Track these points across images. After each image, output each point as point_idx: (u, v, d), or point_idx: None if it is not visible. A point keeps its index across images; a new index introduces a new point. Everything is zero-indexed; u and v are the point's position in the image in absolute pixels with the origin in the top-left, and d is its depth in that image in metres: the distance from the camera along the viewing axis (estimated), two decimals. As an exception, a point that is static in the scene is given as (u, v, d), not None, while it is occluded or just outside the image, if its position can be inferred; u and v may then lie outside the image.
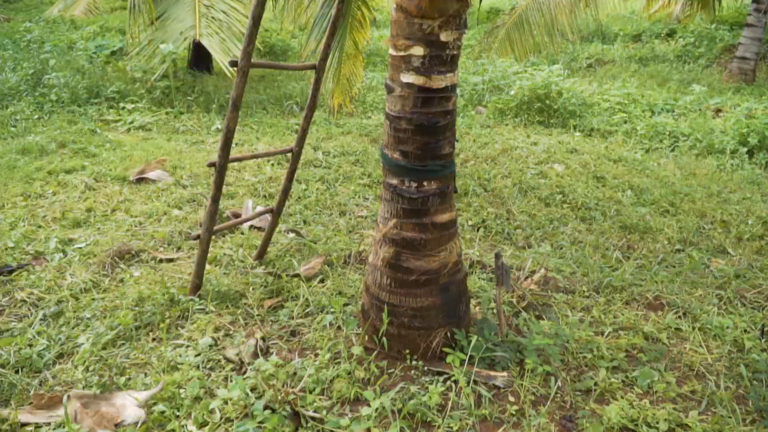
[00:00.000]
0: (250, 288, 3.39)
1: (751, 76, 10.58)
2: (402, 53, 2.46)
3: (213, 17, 6.99)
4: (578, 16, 8.92)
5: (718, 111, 8.30)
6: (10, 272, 3.46)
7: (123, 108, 7.44)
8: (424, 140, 2.53)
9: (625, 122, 7.72)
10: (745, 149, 6.47)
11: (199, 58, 9.41)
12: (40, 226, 4.14)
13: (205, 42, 6.57)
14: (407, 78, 2.47)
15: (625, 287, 3.58)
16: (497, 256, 2.89)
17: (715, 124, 7.34)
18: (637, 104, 8.44)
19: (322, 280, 3.51)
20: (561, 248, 4.19)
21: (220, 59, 6.40)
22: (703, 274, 3.84)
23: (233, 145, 3.13)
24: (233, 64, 2.76)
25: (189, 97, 7.91)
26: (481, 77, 9.47)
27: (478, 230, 4.46)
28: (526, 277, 3.64)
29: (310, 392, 2.47)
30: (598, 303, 3.39)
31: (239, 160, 3.20)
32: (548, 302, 3.38)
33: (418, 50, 2.41)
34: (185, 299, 3.15)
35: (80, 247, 3.83)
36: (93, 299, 3.21)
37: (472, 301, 3.27)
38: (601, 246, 4.25)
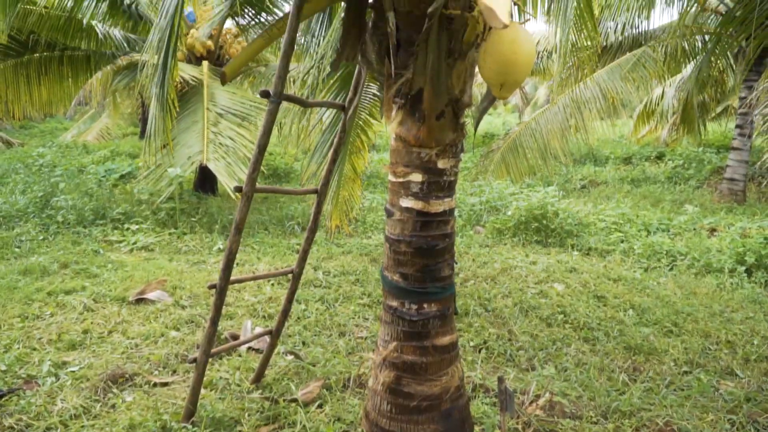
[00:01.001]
0: (246, 414, 3.27)
1: (741, 196, 10.86)
2: (401, 179, 2.56)
3: (220, 143, 7.30)
4: (570, 141, 9.34)
5: (712, 230, 8.43)
6: (1, 397, 3.36)
7: (127, 229, 7.57)
8: (423, 263, 2.56)
9: (622, 241, 7.81)
10: (743, 268, 6.50)
11: (205, 180, 9.72)
12: (35, 349, 4.07)
13: (211, 166, 6.82)
14: (406, 203, 2.55)
15: (634, 412, 3.46)
16: (500, 381, 2.82)
17: (711, 244, 7.43)
18: (632, 224, 8.59)
19: (320, 405, 3.40)
20: (565, 370, 4.10)
21: (226, 182, 6.60)
22: (713, 397, 3.72)
23: (234, 265, 3.16)
24: (238, 189, 2.85)
25: (193, 218, 8.07)
26: (478, 198, 9.72)
27: (479, 351, 4.38)
28: (531, 402, 3.53)
29: None
30: (606, 429, 3.27)
31: (240, 281, 3.21)
32: (555, 429, 3.25)
33: (417, 177, 2.51)
34: (178, 426, 3.04)
35: (73, 371, 3.74)
36: (83, 426, 3.09)
37: (476, 428, 3.15)
38: (607, 368, 4.15)
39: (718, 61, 10.61)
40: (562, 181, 12.92)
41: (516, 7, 2.37)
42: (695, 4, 8.48)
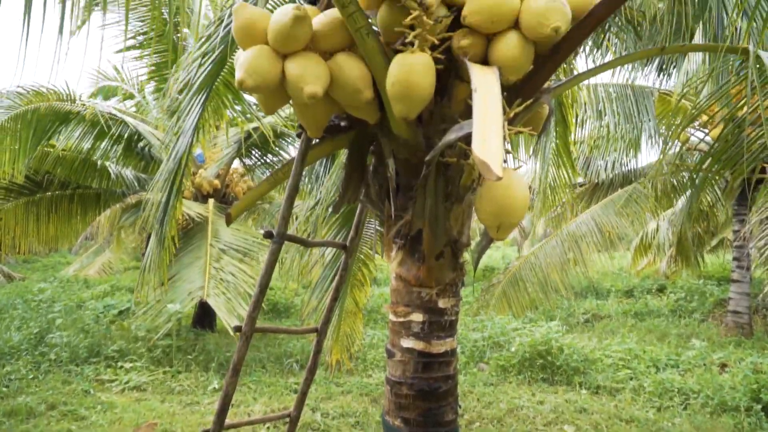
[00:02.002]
0: None
1: (748, 330, 10.70)
2: (402, 319, 2.55)
3: (222, 279, 7.34)
4: (569, 274, 9.38)
5: (723, 366, 8.22)
6: None
7: (121, 367, 7.38)
8: (426, 406, 2.48)
9: (631, 379, 7.58)
10: (760, 406, 6.26)
11: (204, 316, 9.63)
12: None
13: (211, 302, 6.80)
14: (407, 343, 2.52)
15: None
16: None
17: (723, 380, 7.21)
18: (640, 360, 8.39)
19: None
20: None
21: (225, 319, 6.55)
22: None
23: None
24: (237, 329, 2.83)
25: (189, 356, 7.90)
26: (480, 334, 9.57)
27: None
28: None
29: None
30: None
31: (235, 426, 3.09)
32: None
33: (418, 317, 2.51)
34: None
35: None
36: None
37: None
38: None
39: (707, 196, 10.93)
40: (565, 315, 12.79)
41: (509, 154, 2.50)
42: (677, 145, 8.91)
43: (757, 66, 2.66)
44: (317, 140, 2.66)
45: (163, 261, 4.24)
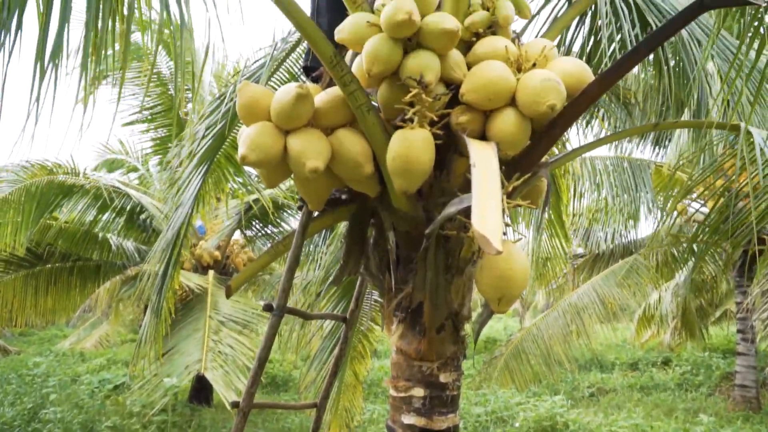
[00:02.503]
0: None
1: (755, 404, 10.43)
2: (402, 394, 2.50)
3: (220, 351, 7.22)
4: (572, 346, 9.24)
5: (733, 442, 7.97)
6: None
7: (113, 445, 7.15)
8: (428, 487, 2.39)
9: (640, 456, 7.33)
10: (775, 486, 6.02)
11: (201, 390, 9.42)
12: None
13: (209, 375, 6.66)
14: (408, 419, 2.46)
15: None
16: None
17: (734, 458, 6.97)
18: (648, 436, 8.14)
19: None
20: None
21: (223, 393, 6.40)
22: None
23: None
24: (235, 405, 2.76)
25: (184, 432, 7.67)
26: (483, 408, 9.32)
27: None
28: None
29: None
30: None
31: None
32: None
33: (419, 391, 2.45)
34: None
35: None
36: None
37: None
38: None
39: (708, 267, 10.91)
40: (569, 389, 12.48)
41: (508, 227, 2.53)
42: (677, 216, 8.98)
43: (749, 141, 2.73)
44: (318, 213, 2.69)
45: (159, 333, 4.20)
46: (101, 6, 1.51)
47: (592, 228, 10.09)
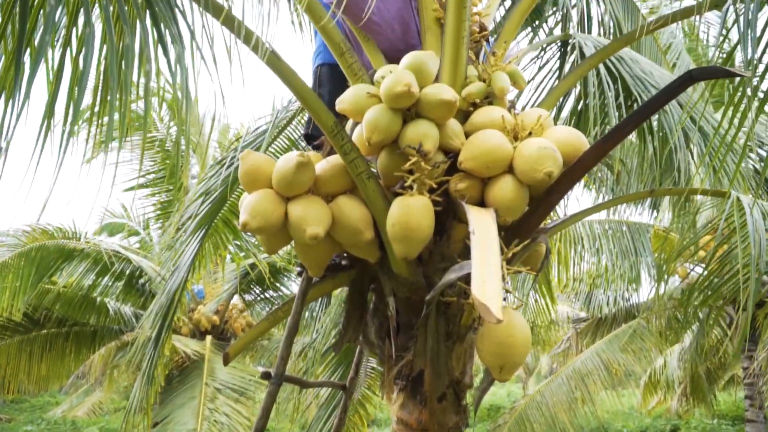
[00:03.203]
0: None
1: (771, 478, 10.08)
2: (404, 467, 2.42)
3: (215, 420, 7.04)
4: (578, 414, 9.01)
5: None
6: None
7: None
8: None
9: None
10: None
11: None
12: None
13: (203, 446, 6.47)
14: (410, 494, 2.38)
15: None
16: None
17: None
18: None
19: None
20: None
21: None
22: None
23: None
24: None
25: (176, 507, 7.37)
26: (488, 479, 9.00)
27: None
28: None
29: None
30: None
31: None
32: None
33: (420, 464, 2.38)
34: None
35: None
36: None
37: None
38: None
39: (714, 331, 10.76)
40: (576, 459, 12.08)
41: (508, 293, 2.52)
42: (677, 280, 8.95)
43: (739, 209, 2.78)
44: (318, 279, 2.68)
45: (149, 402, 4.10)
46: (112, 77, 1.56)
47: (594, 291, 10.02)
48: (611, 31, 3.46)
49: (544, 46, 3.40)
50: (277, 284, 9.62)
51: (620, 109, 2.99)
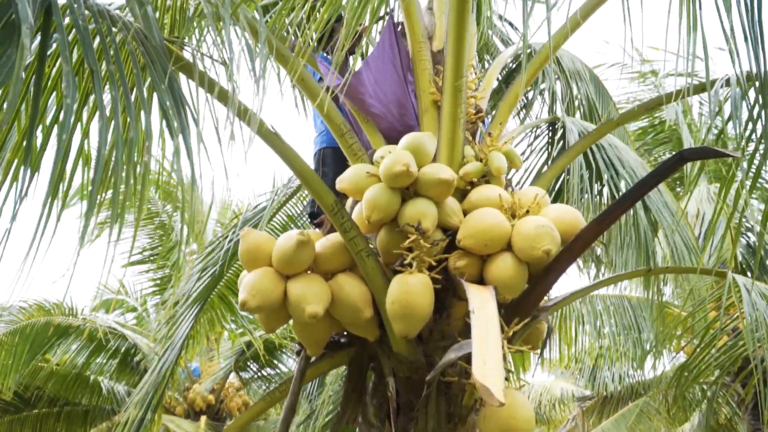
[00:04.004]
0: None
1: None
2: None
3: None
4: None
5: None
6: None
7: None
8: None
9: None
10: None
11: None
12: None
13: None
14: None
15: None
16: None
17: None
18: None
19: None
20: None
21: None
22: None
23: None
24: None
25: None
26: None
27: None
28: None
29: None
30: None
31: None
32: None
33: None
34: None
35: None
36: None
37: None
38: None
39: (724, 409, 10.46)
40: None
41: (510, 373, 2.48)
42: (682, 357, 8.79)
43: (736, 288, 2.81)
44: (316, 358, 2.64)
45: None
46: (115, 163, 1.60)
47: (599, 368, 9.81)
48: (585, 112, 3.66)
49: (534, 128, 3.54)
50: (275, 361, 9.43)
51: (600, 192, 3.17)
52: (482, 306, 1.88)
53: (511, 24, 4.20)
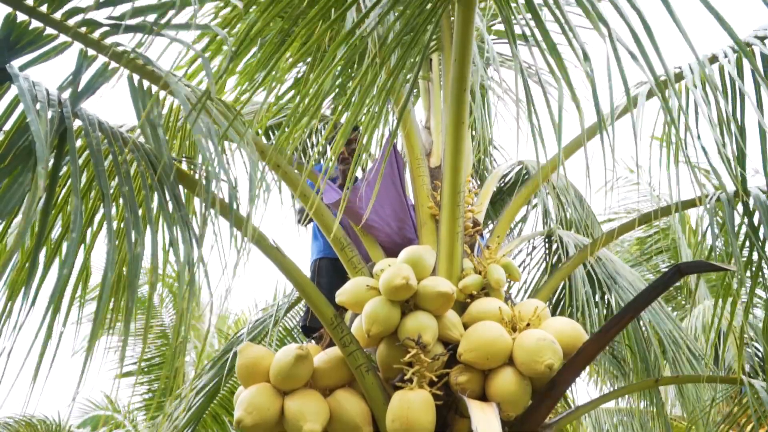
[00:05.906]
0: None
1: None
2: None
3: None
4: None
5: None
6: None
7: None
8: None
9: None
10: None
11: None
12: None
13: None
14: None
15: None
16: None
17: None
18: None
19: None
20: None
21: None
22: None
23: None
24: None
25: None
26: None
27: None
28: None
29: None
30: None
31: None
32: None
33: None
34: None
35: None
36: None
37: None
38: None
39: None
40: None
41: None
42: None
43: (755, 396, 2.73)
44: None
45: None
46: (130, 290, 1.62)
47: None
48: (578, 226, 3.77)
49: (530, 240, 3.61)
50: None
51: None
52: (485, 424, 1.82)
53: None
